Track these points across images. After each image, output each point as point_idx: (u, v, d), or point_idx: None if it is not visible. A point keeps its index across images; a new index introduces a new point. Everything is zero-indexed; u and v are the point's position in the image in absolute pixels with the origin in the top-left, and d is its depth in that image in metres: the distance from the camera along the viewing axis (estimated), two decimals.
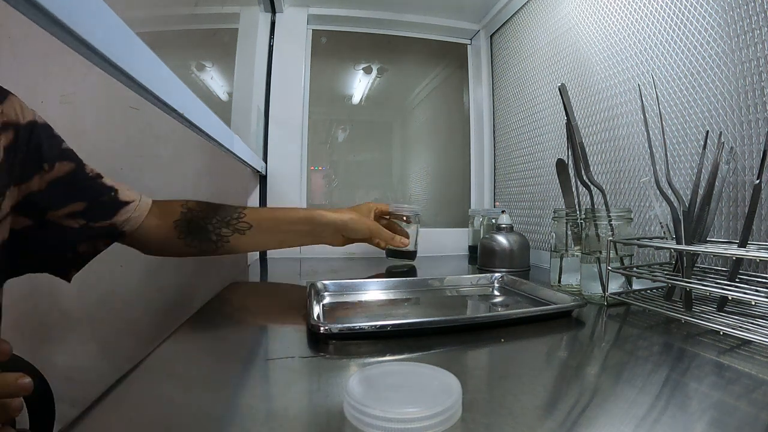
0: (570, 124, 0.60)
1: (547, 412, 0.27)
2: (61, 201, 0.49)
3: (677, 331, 0.43)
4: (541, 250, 0.93)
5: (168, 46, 0.63)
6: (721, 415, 0.26)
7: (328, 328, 0.41)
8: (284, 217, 0.71)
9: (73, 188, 0.50)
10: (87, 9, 0.23)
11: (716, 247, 0.46)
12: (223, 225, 0.65)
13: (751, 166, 0.50)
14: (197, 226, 0.63)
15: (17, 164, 0.44)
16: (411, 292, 0.63)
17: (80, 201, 0.50)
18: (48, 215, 0.48)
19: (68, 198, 0.49)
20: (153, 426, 0.27)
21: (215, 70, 1.05)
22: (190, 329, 0.46)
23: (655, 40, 0.64)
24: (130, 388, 0.31)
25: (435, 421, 0.23)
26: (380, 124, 1.36)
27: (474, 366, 0.38)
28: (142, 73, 0.30)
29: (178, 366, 0.37)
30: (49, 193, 0.47)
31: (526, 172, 1.02)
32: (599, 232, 0.57)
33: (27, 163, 0.45)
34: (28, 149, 0.45)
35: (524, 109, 1.03)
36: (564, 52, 0.86)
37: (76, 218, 0.50)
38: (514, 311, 0.50)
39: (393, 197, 1.31)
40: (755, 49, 0.50)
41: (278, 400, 0.30)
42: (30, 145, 0.45)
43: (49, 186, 0.47)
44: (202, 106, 0.47)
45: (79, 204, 0.50)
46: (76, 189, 0.50)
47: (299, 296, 0.59)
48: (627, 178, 0.70)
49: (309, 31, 1.16)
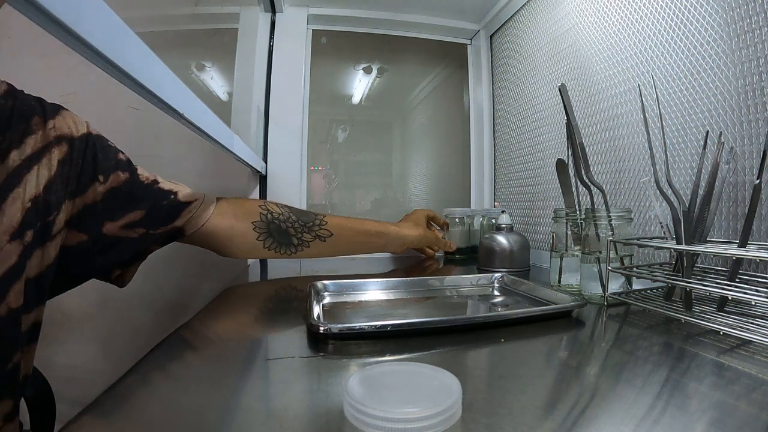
0: (570, 124, 0.60)
1: (547, 412, 0.27)
2: (118, 212, 0.47)
3: (677, 331, 0.43)
4: (541, 250, 0.93)
5: (168, 46, 0.63)
6: (721, 415, 0.26)
7: (328, 328, 0.41)
8: (361, 229, 0.75)
9: (131, 197, 0.48)
10: (87, 9, 0.23)
11: (716, 247, 0.46)
12: (305, 230, 0.67)
13: (751, 166, 0.50)
14: (279, 229, 0.64)
15: (72, 177, 0.42)
16: (411, 292, 0.63)
17: (139, 209, 0.48)
18: (105, 228, 0.46)
19: (125, 208, 0.47)
20: (153, 426, 0.27)
21: (215, 70, 1.04)
22: (190, 329, 0.46)
23: (655, 40, 0.64)
24: (129, 388, 0.31)
25: (435, 421, 0.23)
26: (380, 124, 1.36)
27: (474, 366, 0.38)
28: (142, 73, 0.30)
29: (178, 366, 0.37)
30: (105, 204, 0.45)
31: (526, 172, 1.02)
32: (599, 232, 0.57)
33: (82, 175, 0.43)
34: (83, 161, 0.43)
35: (524, 109, 1.03)
36: (564, 52, 0.86)
37: (135, 228, 0.48)
38: (514, 311, 0.50)
39: (393, 197, 1.31)
40: (755, 49, 0.50)
41: (278, 400, 0.30)
42: (85, 158, 0.44)
43: (104, 197, 0.45)
44: (202, 106, 0.47)
45: (138, 212, 0.48)
46: (134, 198, 0.48)
47: (299, 296, 0.59)
48: (627, 178, 0.70)
49: (309, 31, 1.16)
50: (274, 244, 0.64)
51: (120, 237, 0.47)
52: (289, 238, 0.66)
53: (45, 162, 0.39)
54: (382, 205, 1.30)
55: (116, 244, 0.47)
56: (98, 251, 0.46)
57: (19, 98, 0.39)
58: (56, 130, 0.41)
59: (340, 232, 0.70)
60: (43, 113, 0.40)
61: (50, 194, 0.39)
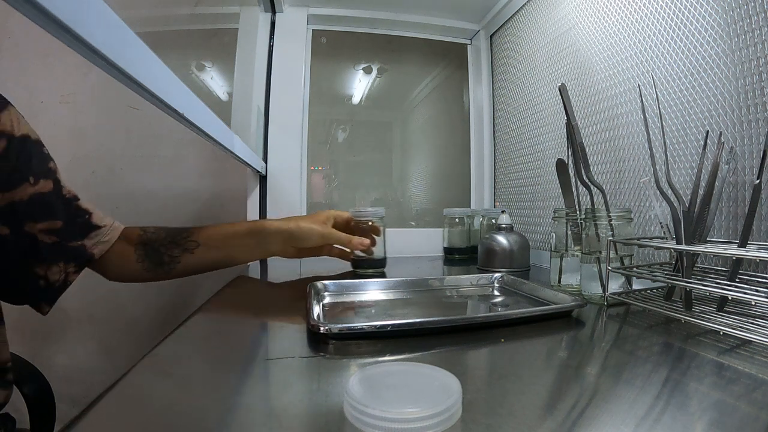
0: (570, 124, 0.60)
1: (547, 412, 0.27)
2: (40, 215, 0.50)
3: (677, 331, 0.43)
4: (541, 250, 0.93)
5: (168, 46, 0.63)
6: (721, 415, 0.26)
7: (328, 328, 0.41)
8: (231, 232, 0.68)
9: (51, 206, 0.51)
10: (87, 9, 0.23)
11: (716, 247, 0.46)
12: (173, 245, 0.64)
13: (751, 166, 0.50)
14: (152, 249, 0.63)
15: (5, 173, 0.46)
16: (411, 292, 0.63)
17: (57, 219, 0.52)
18: (26, 227, 0.49)
19: (46, 214, 0.51)
20: (152, 426, 0.27)
21: (215, 70, 1.05)
22: (189, 329, 0.46)
23: (655, 40, 0.64)
24: (129, 388, 0.31)
25: (435, 421, 0.23)
26: (380, 124, 1.36)
27: (474, 366, 0.38)
28: (142, 73, 0.30)
29: (177, 366, 0.37)
30: (29, 206, 0.49)
31: (526, 172, 1.02)
32: (599, 232, 0.57)
33: (14, 173, 0.47)
34: (18, 160, 0.47)
35: (524, 109, 1.03)
36: (564, 52, 0.86)
37: (50, 235, 0.51)
38: (514, 311, 0.50)
39: (393, 197, 1.31)
40: (755, 49, 0.50)
41: (278, 400, 0.30)
42: (20, 158, 0.47)
43: (30, 199, 0.49)
44: (202, 106, 0.47)
45: (56, 222, 0.52)
46: (53, 207, 0.52)
47: (299, 296, 0.59)
48: (627, 178, 0.70)
49: (309, 31, 1.16)
50: (150, 264, 0.63)
51: (38, 239, 0.50)
52: (160, 257, 0.63)
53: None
54: (382, 205, 1.30)
55: (35, 245, 0.50)
56: (19, 248, 0.49)
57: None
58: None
59: (206, 241, 0.66)
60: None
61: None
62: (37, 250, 0.50)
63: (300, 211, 1.09)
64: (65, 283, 0.54)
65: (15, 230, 0.48)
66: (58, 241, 0.52)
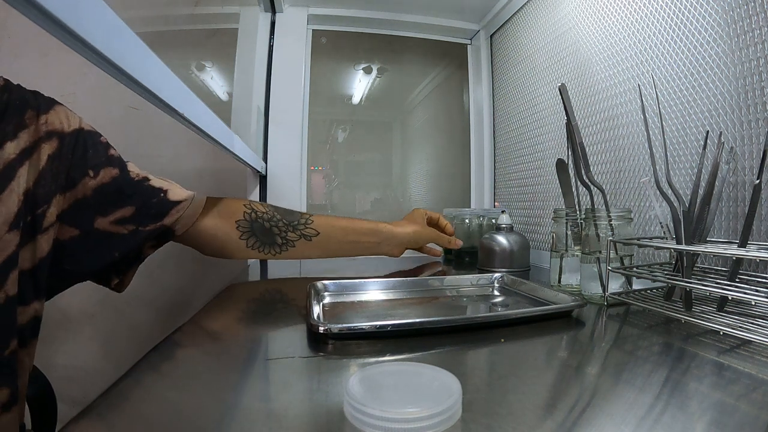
0: (570, 124, 0.60)
1: (547, 412, 0.27)
2: (109, 207, 0.47)
3: (677, 331, 0.43)
4: (541, 250, 0.93)
5: (168, 46, 0.63)
6: (721, 415, 0.26)
7: (328, 328, 0.41)
8: (351, 228, 0.72)
9: (121, 194, 0.48)
10: (87, 9, 0.23)
11: (716, 247, 0.46)
12: (290, 229, 0.65)
13: (751, 166, 0.50)
14: (262, 228, 0.63)
15: (62, 172, 0.43)
16: (411, 292, 0.63)
17: (129, 206, 0.48)
18: (96, 223, 0.46)
19: (116, 204, 0.47)
20: (153, 426, 0.27)
21: (215, 70, 1.04)
22: (190, 329, 0.46)
23: (655, 40, 0.64)
24: (129, 388, 0.31)
25: (435, 421, 0.23)
26: (380, 124, 1.36)
27: (474, 366, 0.38)
28: (142, 73, 0.30)
29: (178, 366, 0.37)
30: (96, 199, 0.45)
31: (526, 172, 1.02)
32: (599, 232, 0.57)
33: (72, 170, 0.44)
34: (73, 156, 0.44)
35: (524, 109, 1.03)
36: (564, 52, 0.86)
37: (125, 224, 0.48)
38: (514, 311, 0.50)
39: (393, 197, 1.31)
40: (755, 49, 0.50)
41: (278, 400, 0.30)
42: (75, 153, 0.44)
43: (95, 193, 0.45)
44: (202, 106, 0.47)
45: (129, 209, 0.48)
46: (123, 194, 0.48)
47: (299, 296, 0.59)
48: (627, 178, 0.70)
49: (309, 31, 1.16)
50: (257, 243, 0.63)
51: (111, 232, 0.47)
52: (273, 238, 0.64)
53: (35, 157, 0.40)
54: (382, 205, 1.30)
55: (108, 239, 0.47)
56: (91, 247, 0.46)
57: (15, 92, 0.40)
58: (48, 125, 0.42)
59: (327, 231, 0.68)
60: (37, 108, 0.42)
61: (39, 188, 0.40)
62: (112, 245, 0.47)
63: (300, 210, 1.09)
64: (138, 258, 0.52)
65: (85, 230, 0.45)
66: (134, 228, 0.48)
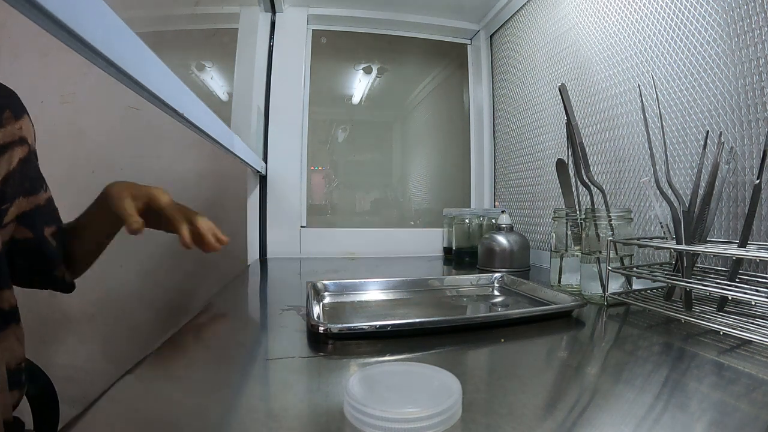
0: (570, 124, 0.60)
1: (547, 412, 0.27)
2: (50, 220, 0.52)
3: (677, 331, 0.43)
4: (541, 250, 0.93)
5: (168, 46, 0.63)
6: (721, 415, 0.26)
7: (328, 328, 0.41)
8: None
9: (54, 212, 0.53)
10: (87, 9, 0.23)
11: (716, 247, 0.46)
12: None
13: (751, 166, 0.50)
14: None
15: (28, 178, 0.47)
16: (411, 292, 0.63)
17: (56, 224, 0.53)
18: (44, 231, 0.50)
19: (53, 219, 0.52)
20: (153, 426, 0.27)
21: (215, 70, 1.05)
22: (189, 329, 0.46)
23: (655, 40, 0.64)
24: (130, 388, 0.31)
25: (435, 421, 0.23)
26: (380, 124, 1.36)
27: (474, 366, 0.38)
28: (141, 73, 0.30)
29: (177, 366, 0.37)
30: (46, 210, 0.50)
31: (526, 172, 1.02)
32: (599, 232, 0.57)
33: (37, 179, 0.49)
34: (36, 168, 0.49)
35: (524, 109, 1.03)
36: (564, 52, 0.86)
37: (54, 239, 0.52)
38: (514, 311, 0.50)
39: (393, 197, 1.31)
40: (755, 49, 0.50)
41: (278, 400, 0.30)
42: (36, 166, 0.49)
43: (46, 204, 0.50)
44: (202, 106, 0.47)
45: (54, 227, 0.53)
46: (55, 213, 0.53)
47: (299, 296, 0.59)
48: (627, 178, 0.70)
49: (309, 31, 1.16)
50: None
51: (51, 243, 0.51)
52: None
53: (7, 157, 0.43)
54: (382, 205, 1.30)
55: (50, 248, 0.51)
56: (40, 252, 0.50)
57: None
58: (21, 131, 0.45)
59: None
60: (15, 111, 0.45)
61: (6, 186, 0.43)
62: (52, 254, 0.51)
63: (300, 210, 1.10)
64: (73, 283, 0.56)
65: (37, 235, 0.49)
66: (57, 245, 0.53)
